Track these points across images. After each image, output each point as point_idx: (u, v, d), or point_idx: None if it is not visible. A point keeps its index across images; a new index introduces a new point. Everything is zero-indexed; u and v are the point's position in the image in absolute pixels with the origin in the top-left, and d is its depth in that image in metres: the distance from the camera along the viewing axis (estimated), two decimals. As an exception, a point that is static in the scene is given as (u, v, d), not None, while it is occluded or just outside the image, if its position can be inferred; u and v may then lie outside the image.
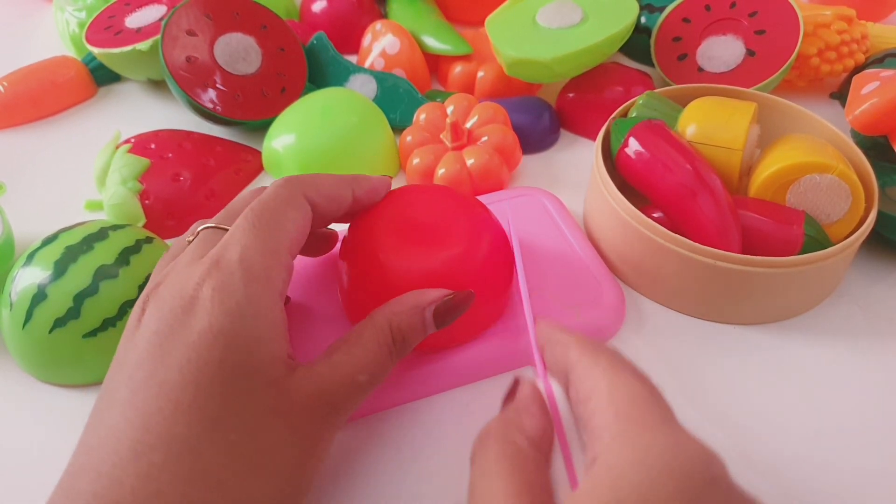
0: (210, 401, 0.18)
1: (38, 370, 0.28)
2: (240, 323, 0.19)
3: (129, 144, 0.35)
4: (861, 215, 0.30)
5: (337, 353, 0.21)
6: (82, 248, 0.28)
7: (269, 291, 0.20)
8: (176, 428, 0.18)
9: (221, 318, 0.19)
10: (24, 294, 0.27)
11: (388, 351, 0.22)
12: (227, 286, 0.20)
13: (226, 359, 0.19)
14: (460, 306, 0.24)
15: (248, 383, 0.19)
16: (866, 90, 0.34)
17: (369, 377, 0.21)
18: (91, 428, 0.19)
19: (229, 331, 0.19)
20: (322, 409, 0.20)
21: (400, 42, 0.42)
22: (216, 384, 0.18)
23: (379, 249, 0.25)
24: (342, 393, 0.21)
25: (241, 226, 0.21)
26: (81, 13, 0.47)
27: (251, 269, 0.20)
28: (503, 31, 0.40)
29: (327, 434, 0.21)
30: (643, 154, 0.30)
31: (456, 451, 0.25)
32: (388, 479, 0.24)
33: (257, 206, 0.22)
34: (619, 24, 0.38)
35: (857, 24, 0.42)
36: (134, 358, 0.19)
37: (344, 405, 0.21)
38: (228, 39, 0.40)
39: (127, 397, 0.18)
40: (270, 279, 0.20)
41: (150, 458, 0.17)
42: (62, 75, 0.44)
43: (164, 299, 0.20)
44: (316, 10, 0.48)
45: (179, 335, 0.19)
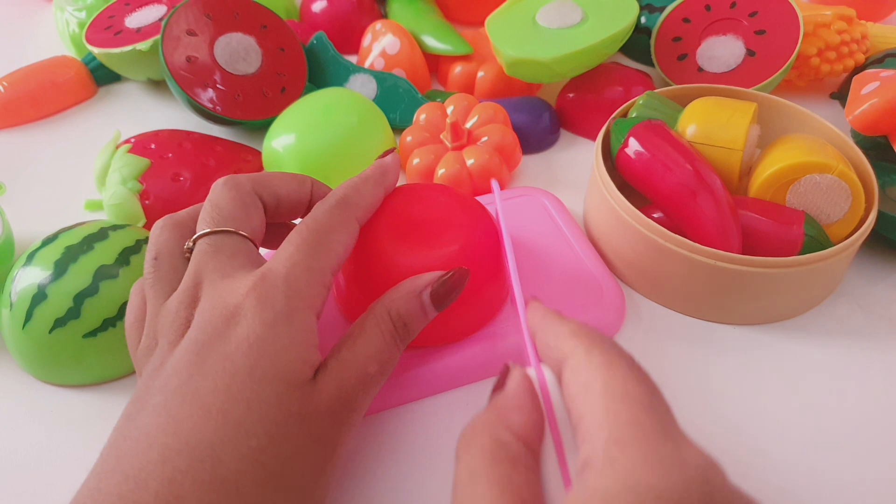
0: (236, 406, 0.18)
1: (39, 370, 0.28)
2: (272, 331, 0.20)
3: (129, 144, 0.35)
4: (861, 215, 0.30)
5: (344, 349, 0.22)
6: (82, 248, 0.28)
7: (307, 307, 0.21)
8: (202, 434, 0.18)
9: (258, 328, 0.20)
10: (25, 294, 0.27)
11: (392, 338, 0.22)
12: (269, 298, 0.20)
13: (256, 365, 0.19)
14: (457, 285, 0.23)
15: (273, 387, 0.19)
16: (866, 90, 0.34)
17: (379, 367, 0.22)
18: (120, 431, 0.19)
19: (263, 339, 0.19)
20: (341, 409, 0.20)
21: (400, 42, 0.42)
22: (245, 390, 0.19)
23: (377, 247, 0.25)
24: (357, 388, 0.21)
25: (294, 242, 0.22)
26: (81, 13, 0.47)
27: (294, 286, 0.21)
28: (503, 31, 0.40)
29: (346, 435, 0.21)
30: (643, 154, 0.30)
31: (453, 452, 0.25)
32: (385, 481, 0.24)
33: (312, 224, 0.22)
34: (619, 24, 0.38)
35: (857, 23, 0.42)
36: (172, 365, 0.20)
37: (360, 401, 0.21)
38: (228, 39, 0.40)
39: (161, 402, 0.19)
40: (310, 297, 0.21)
41: (176, 462, 0.17)
42: (62, 75, 0.44)
43: (206, 310, 0.20)
44: (316, 10, 0.48)
45: (218, 344, 0.19)
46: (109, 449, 0.19)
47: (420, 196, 0.27)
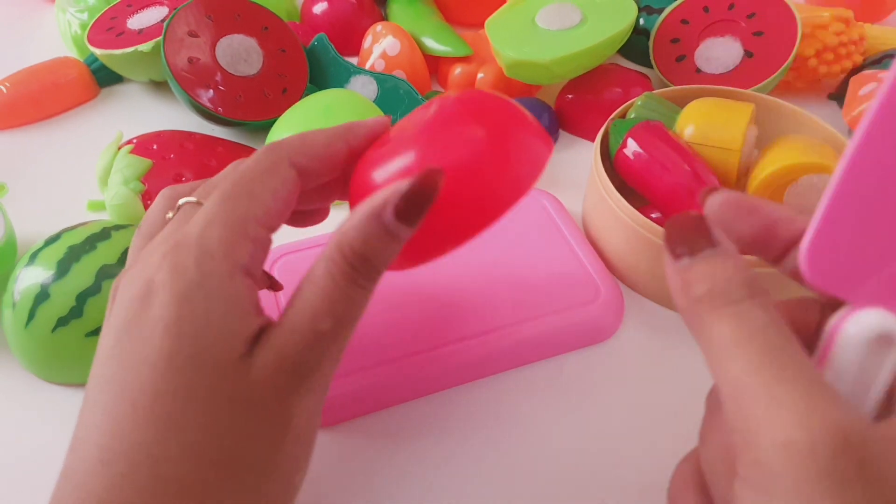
0: (162, 400, 0.17)
1: (41, 369, 0.28)
2: (188, 307, 0.17)
3: (131, 145, 0.35)
4: (858, 216, 0.30)
5: (289, 306, 0.18)
6: (85, 248, 0.28)
7: (228, 266, 0.18)
8: (135, 433, 0.16)
9: (172, 306, 0.17)
10: (27, 293, 0.27)
11: (348, 280, 0.18)
12: (180, 267, 0.17)
13: (175, 350, 0.17)
14: (425, 191, 0.18)
15: (199, 373, 0.17)
16: (864, 91, 0.34)
17: (334, 321, 0.18)
18: (76, 429, 0.18)
19: (179, 318, 0.17)
20: (286, 379, 0.17)
21: (400, 44, 0.43)
22: (170, 380, 0.17)
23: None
24: (305, 351, 0.18)
25: (213, 198, 0.19)
26: (83, 14, 0.47)
27: (208, 247, 0.18)
28: (503, 33, 0.40)
29: (301, 406, 0.18)
30: (641, 155, 0.31)
31: (457, 451, 0.25)
32: (386, 481, 0.24)
33: (233, 175, 0.19)
34: (617, 25, 0.38)
35: (854, 25, 0.42)
36: (99, 353, 0.18)
37: (312, 365, 0.18)
38: (230, 41, 0.40)
39: (96, 398, 0.17)
40: (230, 254, 0.18)
41: (115, 467, 0.16)
42: (64, 76, 0.44)
43: (126, 288, 0.18)
44: (317, 12, 0.48)
45: (135, 328, 0.17)
46: (70, 448, 0.18)
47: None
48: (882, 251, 0.15)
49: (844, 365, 0.15)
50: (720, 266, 0.15)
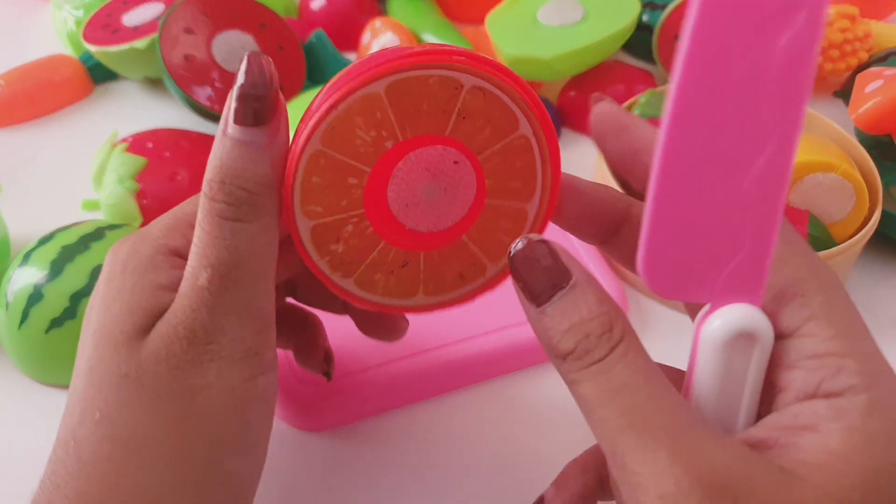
0: (79, 378, 0.17)
1: (35, 371, 0.28)
2: (109, 287, 0.17)
3: (126, 143, 0.35)
4: (865, 215, 0.30)
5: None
6: (79, 248, 0.27)
7: (151, 246, 0.17)
8: (67, 417, 0.17)
9: (99, 287, 0.17)
10: (20, 294, 0.27)
11: (213, 218, 0.16)
12: (117, 251, 0.17)
13: (94, 328, 0.17)
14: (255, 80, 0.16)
15: (104, 349, 0.16)
16: (870, 88, 0.34)
17: (211, 270, 0.16)
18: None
19: (101, 297, 0.17)
20: (181, 348, 0.16)
21: (399, 40, 0.42)
22: (85, 358, 0.17)
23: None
24: (190, 313, 0.16)
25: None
26: (79, 11, 0.46)
27: (148, 231, 0.18)
28: (503, 29, 0.39)
29: (206, 378, 0.16)
30: (645, 153, 0.30)
31: (450, 457, 0.25)
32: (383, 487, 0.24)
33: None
34: (620, 22, 0.38)
35: (860, 22, 0.41)
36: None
37: (207, 328, 0.16)
38: (227, 37, 0.40)
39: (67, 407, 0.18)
40: (161, 236, 0.17)
41: (54, 455, 0.17)
42: (59, 74, 0.44)
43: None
44: (315, 8, 0.48)
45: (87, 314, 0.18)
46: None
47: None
48: (723, 246, 0.14)
49: (711, 368, 0.15)
50: (575, 313, 0.15)
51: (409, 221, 0.18)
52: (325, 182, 0.17)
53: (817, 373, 0.14)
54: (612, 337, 0.14)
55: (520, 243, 0.15)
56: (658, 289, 0.14)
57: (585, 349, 0.14)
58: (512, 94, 0.17)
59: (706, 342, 0.15)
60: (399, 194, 0.17)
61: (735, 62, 0.13)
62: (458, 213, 0.18)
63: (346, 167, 0.17)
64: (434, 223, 0.18)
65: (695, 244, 0.14)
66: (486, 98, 0.17)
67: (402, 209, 0.18)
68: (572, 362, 0.15)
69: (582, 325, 0.15)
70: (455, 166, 0.17)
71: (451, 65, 0.16)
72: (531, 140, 0.18)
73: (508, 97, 0.17)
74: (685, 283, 0.14)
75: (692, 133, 0.13)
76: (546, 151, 0.18)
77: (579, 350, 0.14)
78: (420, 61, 0.16)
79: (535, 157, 0.18)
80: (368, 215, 0.17)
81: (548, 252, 0.15)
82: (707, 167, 0.14)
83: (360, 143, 0.17)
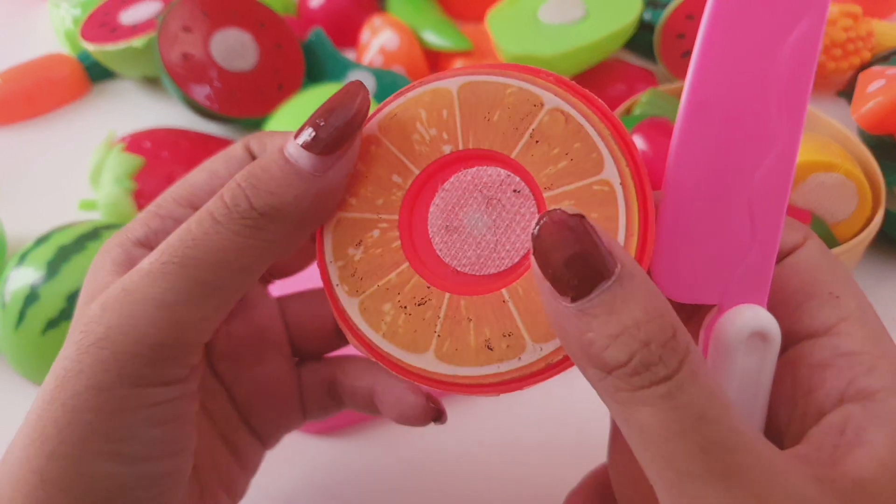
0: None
1: (32, 372, 0.28)
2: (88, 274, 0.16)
3: (124, 143, 0.35)
4: (868, 215, 0.29)
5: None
6: (75, 248, 0.27)
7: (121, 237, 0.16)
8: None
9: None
10: (17, 295, 0.27)
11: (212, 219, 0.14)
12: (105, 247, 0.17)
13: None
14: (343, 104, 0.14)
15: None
16: (872, 88, 0.33)
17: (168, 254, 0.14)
18: None
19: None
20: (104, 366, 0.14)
21: (399, 38, 0.42)
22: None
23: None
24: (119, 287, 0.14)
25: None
26: (76, 9, 0.46)
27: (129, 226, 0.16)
28: (504, 27, 0.39)
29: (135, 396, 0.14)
30: (647, 152, 0.30)
31: (459, 457, 0.25)
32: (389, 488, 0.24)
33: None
34: (621, 20, 0.38)
35: (862, 21, 0.41)
36: None
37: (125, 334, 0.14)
38: (225, 36, 0.39)
39: None
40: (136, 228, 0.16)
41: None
42: (57, 72, 0.44)
43: None
44: (313, 6, 0.48)
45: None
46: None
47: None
48: (731, 248, 0.14)
49: (727, 369, 0.14)
50: (628, 312, 0.11)
51: (443, 250, 0.15)
52: (369, 172, 0.15)
53: (850, 370, 0.13)
54: (678, 348, 0.11)
55: (547, 217, 0.12)
56: (669, 291, 0.14)
57: (644, 362, 0.11)
58: (601, 130, 0.14)
59: (721, 343, 0.14)
60: (442, 212, 0.15)
61: (742, 69, 0.13)
62: (504, 258, 0.14)
63: (395, 162, 0.15)
64: (473, 262, 0.15)
65: (705, 247, 0.14)
66: (567, 125, 0.14)
67: (440, 231, 0.15)
68: (626, 378, 0.11)
69: (639, 330, 0.11)
70: (514, 196, 0.14)
71: (536, 79, 0.14)
72: (616, 190, 0.14)
73: (596, 132, 0.14)
74: (695, 286, 0.14)
75: (702, 139, 0.14)
76: (634, 212, 0.14)
77: (635, 363, 0.11)
78: (504, 68, 0.14)
79: (617, 212, 0.14)
80: (401, 225, 0.15)
81: (587, 231, 0.12)
82: (716, 171, 0.14)
83: (417, 138, 0.15)
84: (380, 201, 0.15)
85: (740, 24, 0.13)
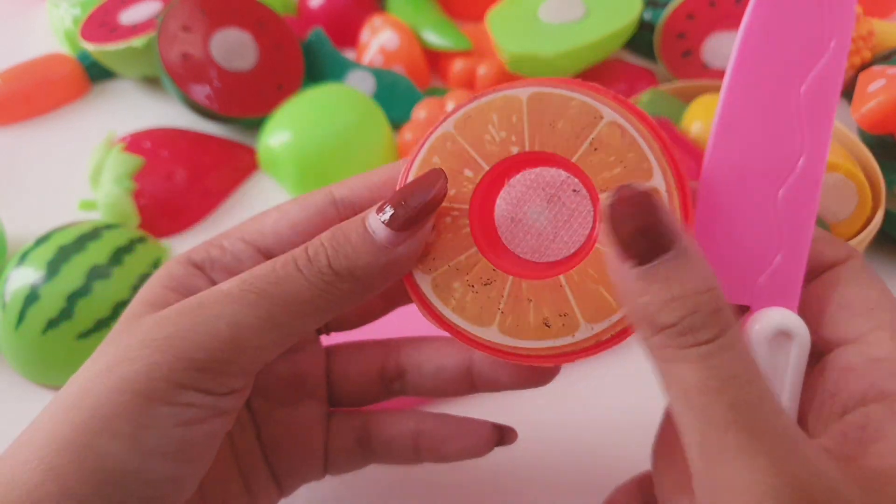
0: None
1: (32, 372, 0.28)
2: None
3: (124, 143, 0.35)
4: (868, 215, 0.29)
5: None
6: (75, 248, 0.27)
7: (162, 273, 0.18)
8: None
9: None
10: (17, 295, 0.26)
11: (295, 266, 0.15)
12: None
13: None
14: (423, 189, 0.16)
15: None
16: (872, 87, 0.33)
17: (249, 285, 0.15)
18: None
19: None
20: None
21: (399, 37, 0.42)
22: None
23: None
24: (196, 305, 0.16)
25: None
26: (76, 9, 0.46)
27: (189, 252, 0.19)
28: (504, 27, 0.39)
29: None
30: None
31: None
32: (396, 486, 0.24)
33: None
34: (622, 19, 0.38)
35: (863, 20, 0.41)
36: None
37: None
38: (225, 36, 0.39)
39: None
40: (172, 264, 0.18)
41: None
42: (56, 72, 0.44)
43: None
44: (313, 6, 0.48)
45: None
46: None
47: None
48: (761, 252, 0.15)
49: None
50: (683, 282, 0.13)
51: (508, 238, 0.17)
52: (444, 165, 0.17)
53: (874, 373, 0.14)
54: (722, 319, 0.13)
55: (621, 190, 0.14)
56: None
57: (691, 326, 0.13)
58: (651, 143, 0.16)
59: (752, 338, 0.15)
60: (508, 205, 0.17)
61: (772, 88, 0.15)
62: (562, 248, 0.17)
63: (468, 158, 0.17)
64: (534, 250, 0.17)
65: (736, 250, 0.15)
66: (623, 137, 0.16)
67: (505, 222, 0.17)
68: (673, 337, 0.13)
69: (690, 299, 0.13)
70: (574, 195, 0.16)
71: (597, 95, 0.16)
72: (663, 197, 0.16)
73: (647, 145, 0.16)
74: (728, 287, 0.15)
75: (734, 150, 0.15)
76: (678, 216, 0.16)
77: (683, 325, 0.13)
78: (568, 83, 0.16)
79: None
80: (471, 214, 0.17)
81: (657, 206, 0.14)
82: (746, 180, 0.15)
83: (488, 138, 0.17)
84: (453, 192, 0.17)
85: (771, 46, 0.15)
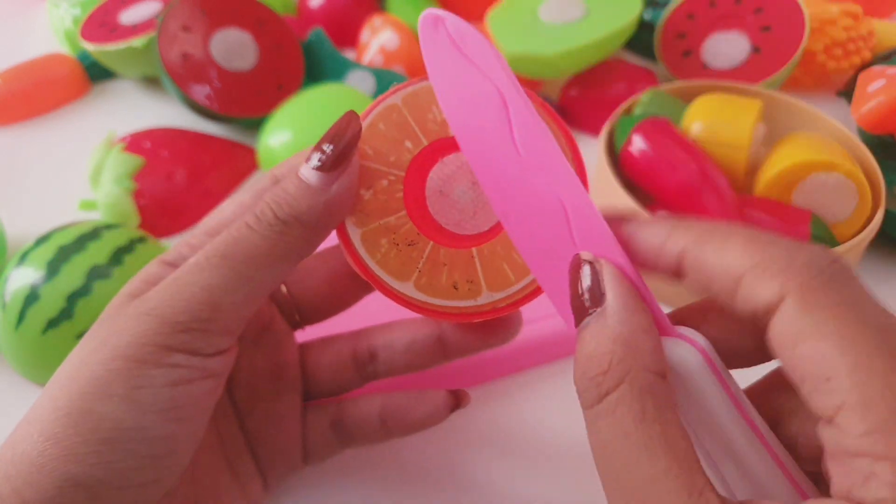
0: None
1: (32, 372, 0.28)
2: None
3: (124, 143, 0.35)
4: (868, 214, 0.29)
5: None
6: (75, 248, 0.27)
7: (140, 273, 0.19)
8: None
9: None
10: (17, 295, 0.26)
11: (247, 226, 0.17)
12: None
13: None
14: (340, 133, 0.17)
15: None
16: (872, 87, 0.33)
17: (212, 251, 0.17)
18: None
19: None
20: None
21: (399, 37, 0.42)
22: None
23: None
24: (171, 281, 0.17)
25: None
26: (76, 9, 0.46)
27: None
28: (504, 27, 0.39)
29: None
30: (647, 152, 0.30)
31: (472, 452, 0.25)
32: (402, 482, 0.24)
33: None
34: (622, 19, 0.37)
35: (863, 20, 0.41)
36: None
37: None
38: (225, 36, 0.39)
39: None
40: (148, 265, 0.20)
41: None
42: (56, 72, 0.44)
43: None
44: (313, 6, 0.48)
45: None
46: None
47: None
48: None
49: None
50: (588, 341, 0.14)
51: (434, 208, 0.19)
52: (388, 133, 0.18)
53: (850, 476, 0.12)
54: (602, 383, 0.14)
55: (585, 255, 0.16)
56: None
57: (581, 388, 0.14)
58: (555, 131, 0.18)
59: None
60: (439, 179, 0.19)
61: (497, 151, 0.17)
62: (478, 225, 0.19)
63: (410, 131, 0.18)
64: (455, 223, 0.19)
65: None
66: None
67: (434, 194, 0.19)
68: (580, 395, 0.14)
69: (583, 361, 0.14)
70: None
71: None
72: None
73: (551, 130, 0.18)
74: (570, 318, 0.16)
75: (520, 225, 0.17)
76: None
77: (578, 386, 0.14)
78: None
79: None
80: (406, 182, 0.18)
81: (590, 272, 0.15)
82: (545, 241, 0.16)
83: (430, 118, 0.18)
84: (392, 158, 0.18)
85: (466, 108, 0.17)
